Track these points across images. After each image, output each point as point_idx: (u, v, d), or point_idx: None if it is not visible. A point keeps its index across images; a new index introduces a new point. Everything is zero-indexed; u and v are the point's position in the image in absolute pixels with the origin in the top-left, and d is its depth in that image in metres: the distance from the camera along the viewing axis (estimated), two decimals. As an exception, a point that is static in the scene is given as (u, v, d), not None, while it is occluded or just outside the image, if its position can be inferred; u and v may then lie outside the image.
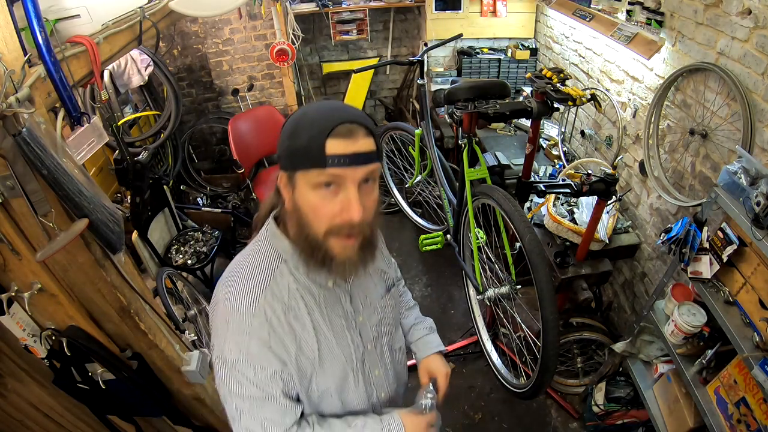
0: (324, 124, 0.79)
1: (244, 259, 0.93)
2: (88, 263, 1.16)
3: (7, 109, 0.87)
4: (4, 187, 0.95)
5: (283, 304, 0.88)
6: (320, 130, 0.78)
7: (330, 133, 0.78)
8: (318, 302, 0.93)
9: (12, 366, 1.38)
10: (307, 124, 0.80)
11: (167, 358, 1.46)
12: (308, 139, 0.79)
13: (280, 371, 0.89)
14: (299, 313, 0.90)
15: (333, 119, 0.79)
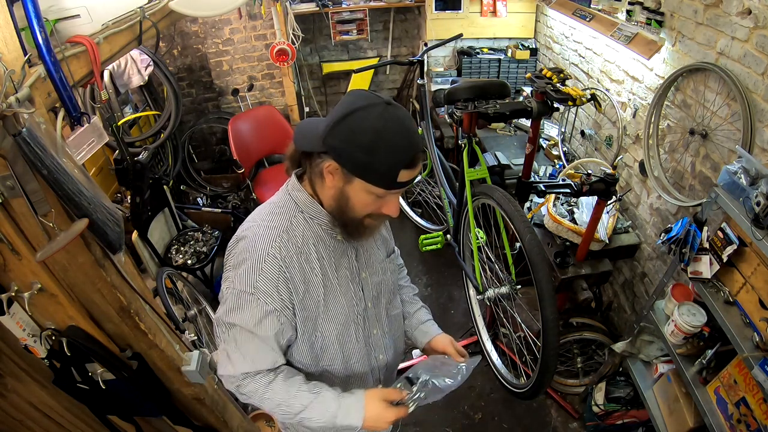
0: (403, 154, 0.88)
1: (266, 206, 1.04)
2: (88, 263, 1.16)
3: (7, 109, 0.87)
4: (4, 187, 0.95)
5: (296, 247, 0.99)
6: (399, 160, 0.88)
7: (404, 166, 0.89)
8: (327, 251, 1.03)
9: (12, 366, 1.38)
10: (387, 146, 0.87)
11: (167, 358, 1.46)
12: (387, 166, 0.88)
13: (279, 311, 0.98)
14: (310, 257, 1.00)
15: (411, 149, 0.89)
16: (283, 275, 0.96)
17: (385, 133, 0.86)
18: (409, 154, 0.88)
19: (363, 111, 0.87)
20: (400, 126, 0.88)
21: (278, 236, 0.97)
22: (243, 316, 0.96)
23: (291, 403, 1.01)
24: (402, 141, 0.88)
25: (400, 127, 0.88)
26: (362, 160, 0.87)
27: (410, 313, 1.34)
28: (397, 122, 0.87)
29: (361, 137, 0.86)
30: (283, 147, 3.75)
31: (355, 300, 1.08)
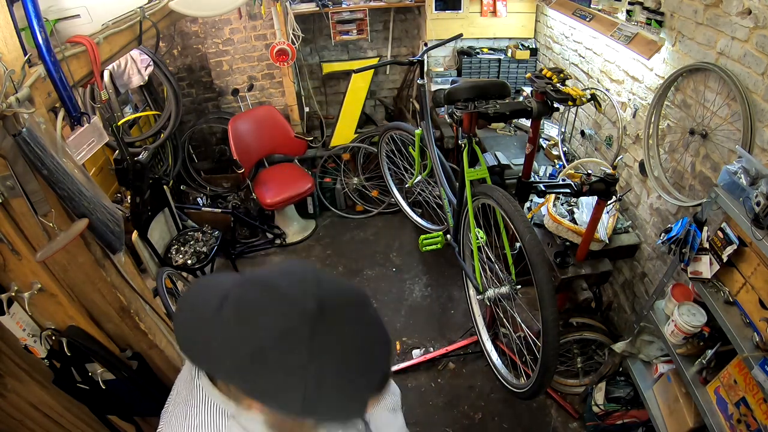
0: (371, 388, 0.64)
1: (189, 425, 0.72)
2: (88, 263, 1.16)
3: (7, 109, 0.88)
4: (4, 187, 0.95)
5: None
6: (368, 395, 0.64)
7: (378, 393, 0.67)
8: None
9: (12, 366, 1.38)
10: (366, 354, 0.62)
11: (167, 358, 1.46)
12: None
13: None
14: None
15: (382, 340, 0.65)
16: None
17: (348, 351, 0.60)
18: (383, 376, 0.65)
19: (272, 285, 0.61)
20: (363, 335, 0.63)
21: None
22: None
23: None
24: (369, 361, 0.63)
25: (365, 337, 0.63)
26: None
27: None
28: (356, 325, 0.62)
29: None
30: (283, 147, 3.75)
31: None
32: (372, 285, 3.35)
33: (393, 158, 3.36)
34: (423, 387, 2.68)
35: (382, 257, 3.54)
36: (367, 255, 3.59)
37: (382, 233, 3.76)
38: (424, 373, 2.75)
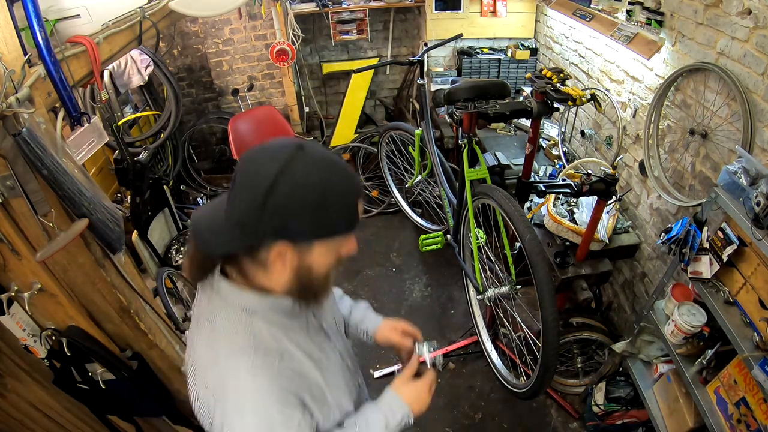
0: (352, 188, 0.79)
1: (213, 337, 0.84)
2: (88, 263, 1.16)
3: (7, 109, 0.88)
4: (4, 187, 0.95)
5: (275, 354, 0.84)
6: (353, 196, 0.79)
7: (359, 198, 0.80)
8: (299, 334, 0.90)
9: (12, 366, 1.38)
10: (336, 190, 0.76)
11: (167, 358, 1.46)
12: (345, 209, 0.78)
13: (301, 416, 0.84)
14: (289, 351, 0.87)
15: (352, 177, 0.80)
16: (284, 392, 0.82)
17: (323, 175, 0.74)
18: (355, 183, 0.79)
19: (285, 174, 0.72)
20: (329, 162, 0.76)
21: (253, 358, 0.81)
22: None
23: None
24: (342, 175, 0.77)
25: (330, 163, 0.76)
26: (319, 221, 0.75)
27: (349, 317, 1.26)
28: (324, 160, 0.76)
29: (302, 201, 0.72)
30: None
31: (339, 360, 1.01)
32: (372, 285, 3.35)
33: (393, 158, 3.36)
34: (423, 387, 2.68)
35: (382, 257, 3.54)
36: (367, 255, 3.59)
37: (382, 233, 3.76)
38: (424, 373, 2.75)
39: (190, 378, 0.85)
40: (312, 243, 0.78)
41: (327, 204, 0.74)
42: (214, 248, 0.81)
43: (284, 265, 0.79)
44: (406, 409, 0.99)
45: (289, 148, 0.74)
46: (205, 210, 0.84)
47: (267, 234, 0.75)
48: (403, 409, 0.99)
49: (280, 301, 0.85)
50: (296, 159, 0.73)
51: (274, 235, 0.75)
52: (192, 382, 0.85)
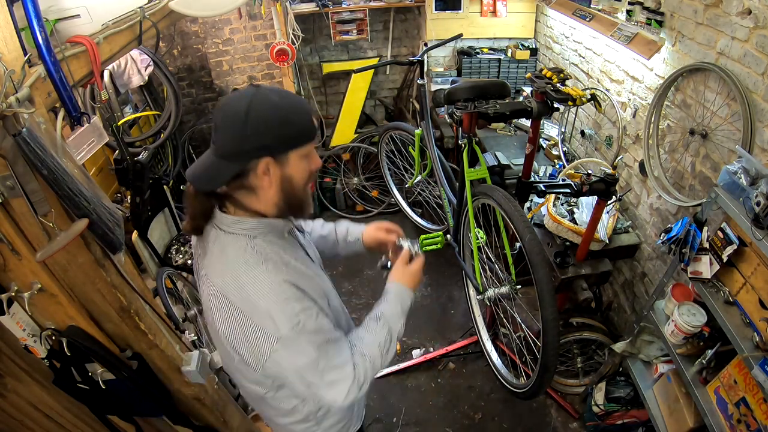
0: (305, 105, 0.99)
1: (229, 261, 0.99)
2: (88, 263, 1.16)
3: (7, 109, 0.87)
4: (4, 187, 0.95)
5: (281, 263, 1.00)
6: (307, 111, 0.98)
7: (310, 111, 0.99)
8: (292, 252, 1.07)
9: (12, 366, 1.38)
10: (294, 109, 0.94)
11: (167, 358, 1.46)
12: (304, 120, 0.96)
13: (318, 309, 1.01)
14: (291, 263, 1.03)
15: (304, 100, 1.00)
16: (298, 290, 0.98)
17: (282, 100, 0.93)
18: (304, 103, 1.00)
19: (254, 103, 0.91)
20: (282, 91, 0.96)
21: (265, 268, 0.97)
22: (311, 342, 0.97)
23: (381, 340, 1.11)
24: (294, 98, 0.97)
25: (283, 92, 0.96)
26: (287, 132, 0.93)
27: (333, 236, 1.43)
28: (276, 90, 0.95)
29: (273, 118, 0.92)
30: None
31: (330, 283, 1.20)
32: (372, 285, 3.35)
33: (393, 158, 3.36)
34: (423, 387, 2.68)
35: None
36: (367, 255, 3.59)
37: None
38: (424, 373, 2.75)
39: (209, 313, 1.02)
40: (287, 153, 0.95)
41: (290, 119, 0.93)
42: (212, 184, 0.97)
43: (270, 179, 0.96)
44: (410, 293, 1.22)
45: (250, 89, 0.94)
46: (196, 163, 1.00)
47: (252, 153, 0.92)
48: (409, 293, 1.22)
49: (273, 222, 1.03)
50: (258, 93, 0.92)
51: (257, 152, 0.92)
52: (212, 315, 1.01)
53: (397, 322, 1.16)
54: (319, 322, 1.00)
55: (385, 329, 1.13)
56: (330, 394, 1.02)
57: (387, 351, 1.12)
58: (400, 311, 1.18)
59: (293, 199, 1.01)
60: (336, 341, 1.04)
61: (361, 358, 1.06)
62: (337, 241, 1.42)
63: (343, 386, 1.02)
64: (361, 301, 3.26)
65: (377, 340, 1.11)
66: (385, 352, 1.11)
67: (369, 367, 1.07)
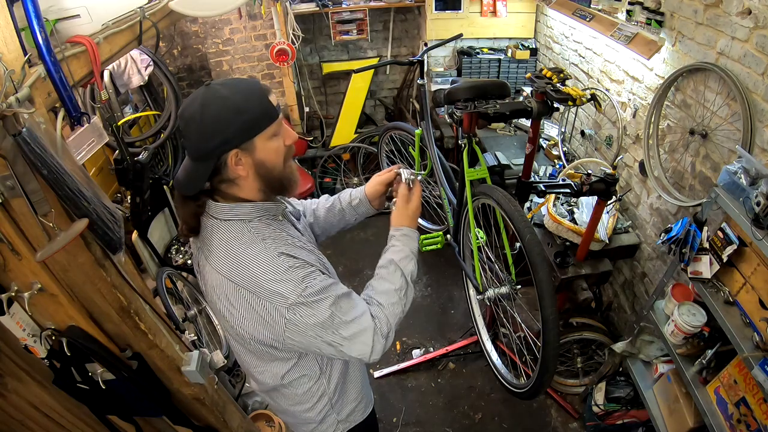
0: (257, 89, 0.98)
1: (228, 246, 1.02)
2: (88, 263, 1.16)
3: (7, 109, 0.87)
4: (4, 187, 0.95)
5: (280, 239, 1.04)
6: (261, 94, 0.97)
7: (267, 93, 0.99)
8: (287, 230, 1.11)
9: (12, 366, 1.38)
10: (246, 97, 0.95)
11: (167, 358, 1.46)
12: (259, 105, 0.96)
13: (319, 270, 1.04)
14: (289, 241, 1.07)
15: (256, 84, 0.99)
16: (297, 259, 1.02)
17: (232, 91, 0.95)
18: (258, 86, 0.99)
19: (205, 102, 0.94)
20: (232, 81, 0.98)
21: (263, 245, 1.01)
22: (321, 301, 1.00)
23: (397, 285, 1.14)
24: (246, 83, 0.98)
25: (233, 81, 0.98)
26: (245, 121, 0.95)
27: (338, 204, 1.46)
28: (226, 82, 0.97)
29: (225, 111, 0.93)
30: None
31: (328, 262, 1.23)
32: (372, 285, 3.35)
33: (393, 158, 3.35)
34: (423, 387, 2.68)
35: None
36: (367, 255, 3.59)
37: (382, 233, 3.74)
38: (424, 373, 2.75)
39: (218, 302, 1.03)
40: (252, 141, 0.97)
41: (243, 108, 0.94)
42: (194, 187, 1.01)
43: (244, 168, 1.00)
44: (415, 232, 1.29)
45: (200, 89, 0.97)
46: (179, 170, 1.05)
47: (217, 150, 0.95)
48: (413, 233, 1.28)
49: (265, 205, 1.07)
50: (208, 91, 0.95)
51: (222, 148, 0.95)
52: (221, 303, 1.03)
53: (409, 264, 1.19)
54: (324, 281, 1.02)
55: (398, 273, 1.15)
56: (355, 348, 1.03)
57: (405, 294, 1.14)
58: (409, 253, 1.21)
59: (273, 180, 1.04)
60: (347, 295, 1.05)
61: (378, 308, 1.08)
62: (342, 209, 1.44)
63: (366, 338, 1.03)
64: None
65: (392, 286, 1.13)
66: (402, 295, 1.14)
67: (389, 313, 1.09)
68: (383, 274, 1.16)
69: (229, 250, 1.01)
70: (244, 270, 0.99)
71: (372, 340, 1.04)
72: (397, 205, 1.29)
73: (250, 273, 0.98)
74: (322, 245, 1.42)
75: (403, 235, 1.25)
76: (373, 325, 1.05)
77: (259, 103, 0.97)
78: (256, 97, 0.97)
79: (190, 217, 1.06)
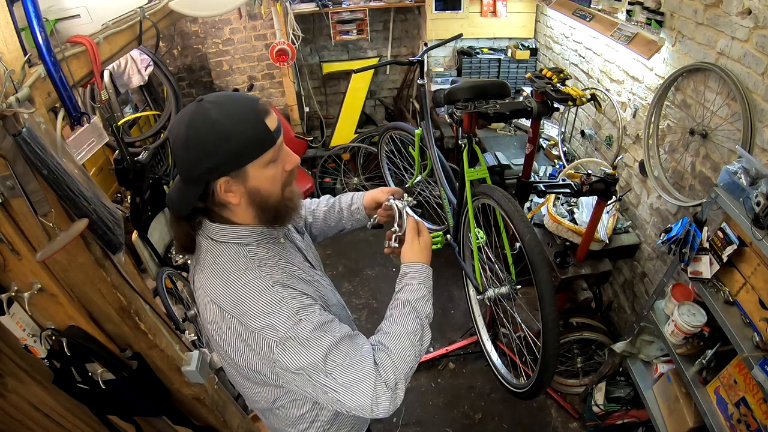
0: (252, 112, 0.88)
1: (220, 270, 0.95)
2: (88, 263, 1.16)
3: (7, 109, 0.87)
4: (4, 187, 0.95)
5: (276, 267, 0.97)
6: (255, 118, 0.87)
7: (263, 115, 0.88)
8: (287, 255, 1.04)
9: (12, 366, 1.38)
10: (237, 121, 0.86)
11: (167, 358, 1.46)
12: (252, 131, 0.87)
13: (319, 308, 0.95)
14: (288, 268, 1.00)
15: (252, 105, 0.89)
16: (295, 291, 0.94)
17: (223, 113, 0.85)
18: (254, 106, 0.88)
19: (192, 125, 0.85)
20: (225, 99, 0.88)
21: (259, 273, 0.93)
22: (315, 340, 0.90)
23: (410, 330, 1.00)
24: (240, 103, 0.88)
25: (227, 98, 0.89)
26: (234, 149, 0.86)
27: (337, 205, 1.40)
28: (219, 101, 0.87)
29: (211, 138, 0.85)
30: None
31: (331, 286, 1.17)
32: (372, 285, 3.35)
33: (393, 158, 3.35)
34: (423, 387, 2.68)
35: (382, 257, 3.54)
36: (367, 255, 3.59)
37: (382, 233, 3.76)
38: (424, 373, 2.75)
39: (208, 326, 0.96)
40: (242, 169, 0.89)
41: (233, 134, 0.85)
42: (183, 209, 0.95)
43: (236, 196, 0.92)
44: (429, 269, 1.11)
45: (190, 106, 0.87)
46: (171, 187, 1.00)
47: (205, 177, 0.88)
48: (429, 270, 1.11)
49: (262, 230, 0.99)
50: (196, 111, 0.86)
51: (210, 175, 0.88)
52: (211, 328, 0.95)
53: (426, 306, 1.05)
54: (323, 317, 0.93)
55: (412, 315, 1.01)
56: (352, 398, 0.89)
57: (420, 339, 1.00)
58: (426, 292, 1.06)
59: (268, 208, 0.95)
60: (350, 337, 0.94)
61: (384, 353, 0.95)
62: (341, 210, 1.37)
63: (365, 387, 0.89)
64: (361, 301, 3.26)
65: (403, 329, 1.00)
66: (417, 341, 0.99)
67: (398, 361, 0.94)
68: (394, 315, 1.03)
69: (222, 275, 0.94)
70: (235, 297, 0.91)
71: (373, 391, 0.89)
72: (407, 239, 1.16)
73: (241, 301, 0.90)
74: (322, 245, 1.41)
75: (418, 272, 1.08)
76: (374, 373, 0.90)
77: (253, 128, 0.87)
78: (249, 121, 0.87)
79: (184, 236, 0.99)
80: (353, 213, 1.37)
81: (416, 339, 1.00)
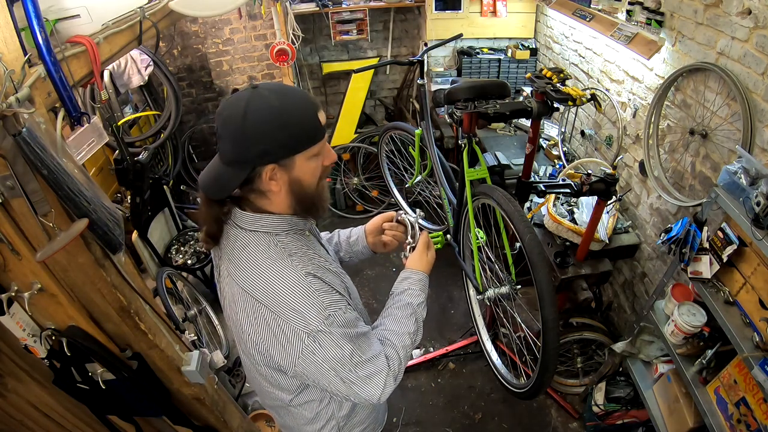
0: (309, 104, 0.92)
1: (252, 258, 0.97)
2: (88, 263, 1.16)
3: (7, 109, 0.87)
4: (4, 187, 0.95)
5: (305, 257, 0.99)
6: (313, 110, 0.92)
7: (316, 109, 0.92)
8: (312, 249, 1.06)
9: (12, 366, 1.38)
10: (296, 110, 0.90)
11: (167, 358, 1.46)
12: (309, 122, 0.91)
13: (346, 303, 1.00)
14: (315, 258, 1.02)
15: (307, 97, 0.93)
16: (324, 284, 0.98)
17: (282, 101, 0.89)
18: (310, 100, 0.93)
19: (250, 108, 0.87)
20: (282, 90, 0.91)
21: (289, 263, 0.96)
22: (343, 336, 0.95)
23: (411, 330, 1.12)
24: (297, 95, 0.92)
25: (283, 91, 0.91)
26: (288, 137, 0.89)
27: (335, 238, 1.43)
28: (276, 89, 0.90)
29: (271, 123, 0.88)
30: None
31: (351, 281, 1.22)
32: (372, 285, 3.35)
33: (393, 158, 3.35)
34: (423, 387, 2.68)
35: (381, 257, 3.54)
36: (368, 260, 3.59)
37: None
38: (424, 373, 2.75)
39: (235, 315, 0.98)
40: (291, 158, 0.92)
41: (290, 122, 0.89)
42: (222, 192, 0.95)
43: (278, 184, 0.94)
44: (425, 276, 1.23)
45: (247, 91, 0.90)
46: (205, 171, 0.98)
47: (254, 161, 0.90)
48: (427, 280, 1.23)
49: (293, 220, 1.02)
50: (254, 95, 0.88)
51: (260, 159, 0.90)
52: (237, 317, 0.97)
53: (423, 311, 1.18)
54: (348, 315, 0.98)
55: (413, 318, 1.13)
56: (366, 389, 0.99)
57: (415, 339, 1.13)
58: (424, 299, 1.20)
59: (306, 199, 1.00)
60: (366, 334, 1.02)
61: (392, 349, 1.05)
62: (339, 243, 1.40)
63: (379, 379, 0.99)
64: (361, 300, 3.26)
65: (407, 329, 1.11)
66: (414, 340, 1.13)
67: (402, 356, 1.06)
68: (399, 316, 1.13)
69: (253, 263, 0.96)
70: (266, 286, 0.94)
71: (384, 383, 1.00)
72: (417, 249, 1.26)
73: (273, 290, 0.93)
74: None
75: (420, 281, 1.21)
76: (387, 367, 1.01)
77: (310, 119, 0.91)
78: (308, 112, 0.91)
79: (213, 222, 1.01)
80: (351, 245, 1.40)
81: (414, 338, 1.12)
